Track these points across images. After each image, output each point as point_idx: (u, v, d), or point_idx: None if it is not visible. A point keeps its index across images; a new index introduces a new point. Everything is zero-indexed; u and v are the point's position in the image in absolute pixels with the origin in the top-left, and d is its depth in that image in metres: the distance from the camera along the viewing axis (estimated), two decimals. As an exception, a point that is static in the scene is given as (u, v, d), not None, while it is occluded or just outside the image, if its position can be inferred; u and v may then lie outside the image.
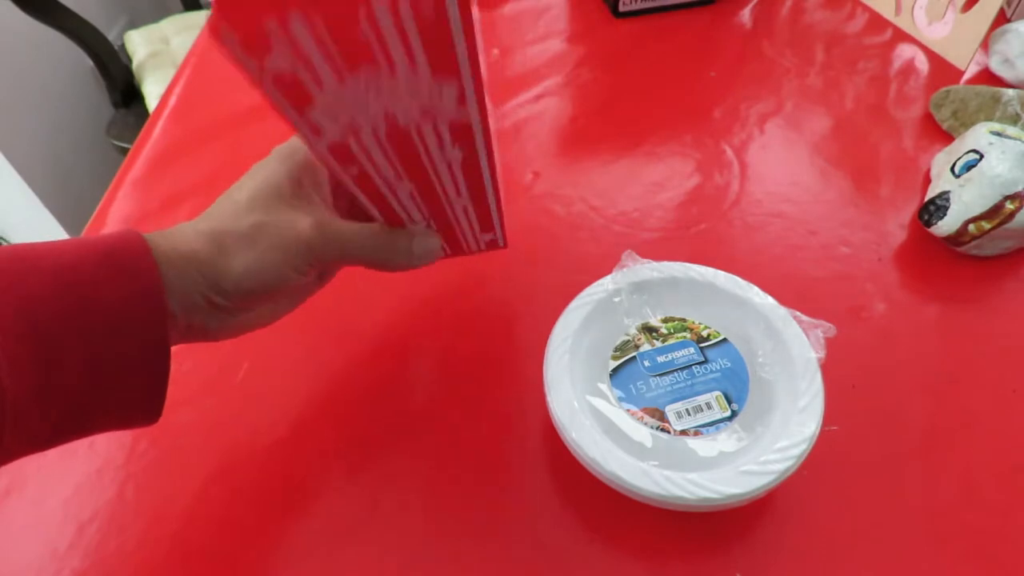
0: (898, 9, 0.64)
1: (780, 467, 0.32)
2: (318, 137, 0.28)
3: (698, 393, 0.36)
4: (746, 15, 0.67)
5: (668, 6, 0.68)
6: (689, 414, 0.35)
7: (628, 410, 0.36)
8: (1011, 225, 0.43)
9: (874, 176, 0.52)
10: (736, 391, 0.36)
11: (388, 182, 0.32)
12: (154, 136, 0.59)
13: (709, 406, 0.36)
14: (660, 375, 0.37)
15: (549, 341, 0.38)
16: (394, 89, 0.26)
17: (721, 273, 0.40)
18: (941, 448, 0.38)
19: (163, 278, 0.29)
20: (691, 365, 0.37)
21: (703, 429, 0.35)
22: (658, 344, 0.38)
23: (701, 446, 0.34)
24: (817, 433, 0.33)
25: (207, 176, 0.55)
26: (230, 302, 0.31)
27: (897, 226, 0.49)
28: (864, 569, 0.35)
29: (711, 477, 0.32)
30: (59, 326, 0.26)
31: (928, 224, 0.46)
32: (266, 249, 0.31)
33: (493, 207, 0.36)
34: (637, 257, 0.41)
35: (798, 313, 0.38)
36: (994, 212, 0.44)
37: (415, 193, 0.33)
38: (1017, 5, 0.63)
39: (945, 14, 0.59)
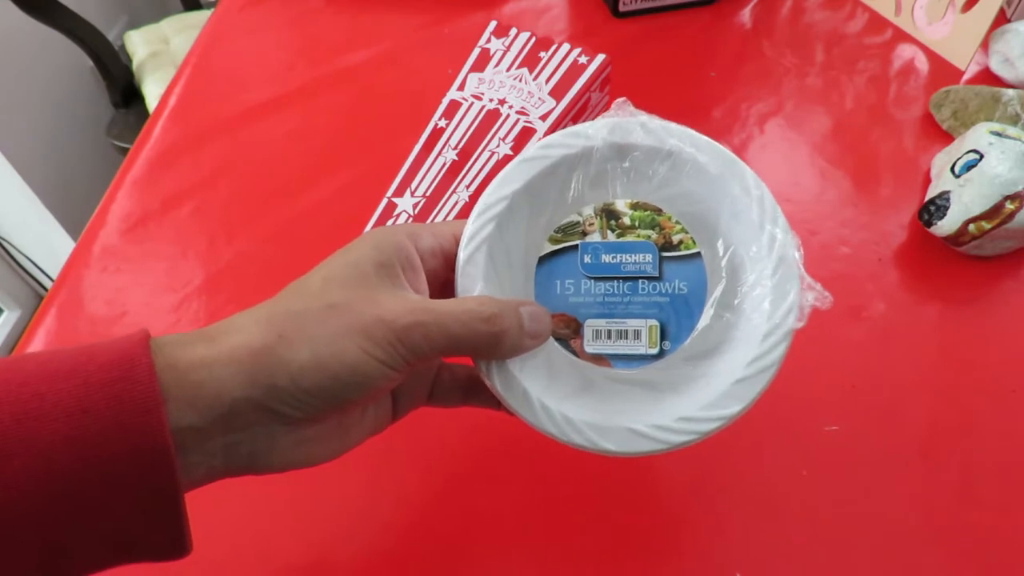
0: (898, 9, 0.64)
1: (673, 439, 0.26)
2: None
3: (632, 315, 0.28)
4: (746, 15, 0.67)
5: (668, 6, 0.68)
6: (609, 338, 0.28)
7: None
8: (1011, 225, 0.43)
9: (874, 176, 0.52)
10: (676, 327, 0.28)
11: None
12: (154, 136, 0.59)
13: (637, 336, 0.28)
14: (597, 279, 0.29)
15: (477, 204, 0.29)
16: None
17: (748, 172, 0.29)
18: (941, 448, 0.38)
19: (174, 412, 0.22)
20: (639, 277, 0.29)
21: (616, 362, 0.28)
22: (612, 238, 0.29)
23: (608, 380, 0.28)
24: (734, 417, 0.26)
25: (207, 176, 0.55)
26: (288, 406, 0.24)
27: (897, 226, 0.49)
28: (864, 569, 0.35)
29: (595, 417, 0.27)
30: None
31: (928, 224, 0.46)
32: (339, 332, 0.24)
33: None
34: (633, 108, 0.30)
35: (802, 269, 0.28)
36: (994, 212, 0.44)
37: None
38: (1017, 5, 0.63)
39: (945, 14, 0.59)
